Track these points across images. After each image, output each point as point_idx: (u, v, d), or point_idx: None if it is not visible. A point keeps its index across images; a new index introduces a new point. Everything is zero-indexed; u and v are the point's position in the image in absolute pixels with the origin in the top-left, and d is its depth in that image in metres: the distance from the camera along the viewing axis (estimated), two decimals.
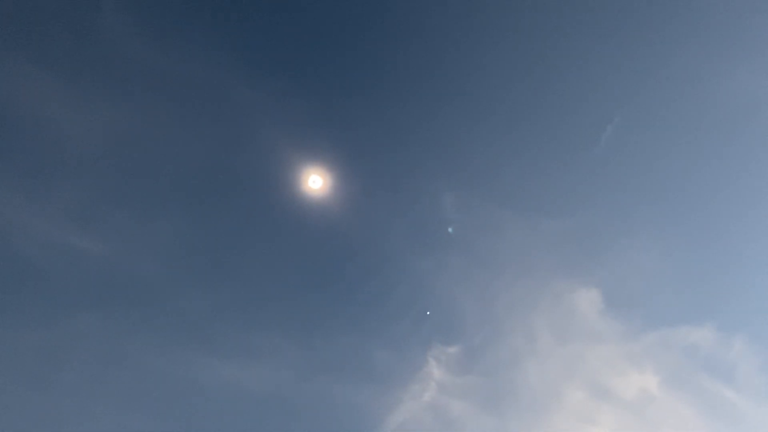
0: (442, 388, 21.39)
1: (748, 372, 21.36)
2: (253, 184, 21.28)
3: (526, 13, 21.51)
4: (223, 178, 21.13)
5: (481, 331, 22.11)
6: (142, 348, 19.88)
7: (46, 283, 19.39)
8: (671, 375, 21.71)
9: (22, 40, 18.82)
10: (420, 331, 21.90)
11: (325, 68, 21.66)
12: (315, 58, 21.58)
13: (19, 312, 18.95)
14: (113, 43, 19.68)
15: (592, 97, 22.00)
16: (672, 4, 21.03)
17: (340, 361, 21.20)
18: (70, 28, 19.31)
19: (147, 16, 19.99)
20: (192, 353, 20.29)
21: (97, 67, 19.79)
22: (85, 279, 19.79)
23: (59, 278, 19.54)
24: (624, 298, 22.48)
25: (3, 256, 18.90)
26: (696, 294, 22.75)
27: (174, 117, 20.68)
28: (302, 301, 21.76)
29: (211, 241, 21.33)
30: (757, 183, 21.69)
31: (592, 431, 20.97)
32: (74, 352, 19.33)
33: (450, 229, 21.98)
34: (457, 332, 22.16)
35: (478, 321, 22.22)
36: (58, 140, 19.50)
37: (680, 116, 21.78)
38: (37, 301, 19.26)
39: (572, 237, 22.67)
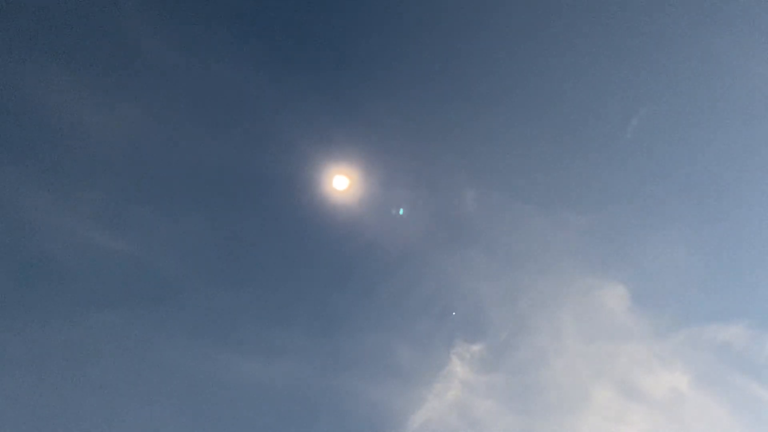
0: (466, 387, 21.09)
1: None
2: (273, 181, 21.25)
3: (549, 3, 21.14)
4: (244, 175, 21.15)
5: (506, 328, 21.77)
6: (166, 345, 19.96)
7: (71, 281, 19.58)
8: (702, 374, 21.18)
9: (45, 41, 19.02)
10: (443, 329, 21.64)
11: (346, 65, 21.58)
12: (336, 54, 21.50)
13: (45, 310, 19.15)
14: (135, 43, 19.77)
15: (617, 87, 21.57)
16: None
17: (362, 359, 21.06)
18: (91, 28, 19.47)
19: (167, 15, 20.08)
20: (215, 350, 20.32)
21: (119, 66, 19.91)
22: (109, 277, 19.93)
23: (84, 276, 19.72)
24: (653, 295, 21.97)
25: (29, 255, 19.13)
26: (727, 291, 22.16)
27: (197, 116, 20.77)
28: (325, 298, 21.67)
29: (234, 239, 21.35)
30: None
31: (621, 431, 20.52)
32: (98, 350, 19.45)
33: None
34: (481, 330, 21.84)
35: (502, 318, 21.88)
36: (82, 139, 19.67)
37: (711, 106, 21.24)
38: (62, 298, 19.45)
39: (598, 232, 22.22)
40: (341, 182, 20.78)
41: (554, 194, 22.32)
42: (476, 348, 21.52)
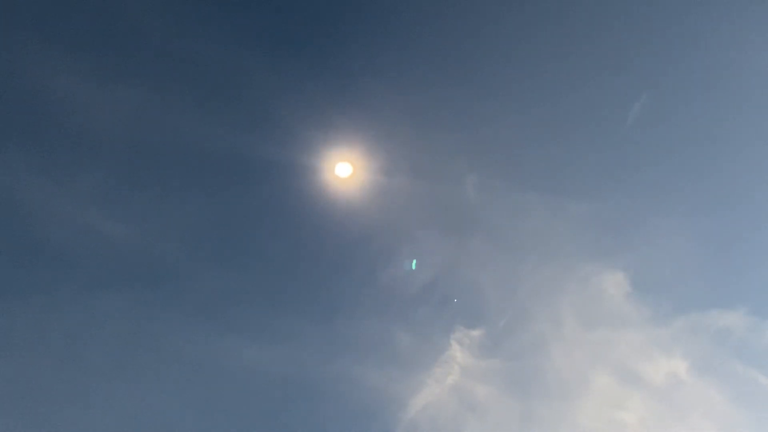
0: (466, 372, 21.15)
1: None
2: (275, 167, 21.23)
3: None
4: (245, 160, 21.15)
5: (506, 314, 21.81)
6: (165, 329, 20.05)
7: (71, 265, 19.69)
8: (701, 361, 21.16)
9: (44, 24, 19.01)
10: (443, 314, 21.71)
11: (348, 50, 21.56)
12: (338, 40, 21.50)
13: (44, 294, 19.22)
14: (134, 26, 19.78)
15: (618, 74, 21.53)
16: None
17: (363, 344, 21.11)
18: (91, 10, 19.46)
19: None
20: (215, 335, 20.41)
21: (117, 49, 19.92)
22: (109, 261, 20.02)
23: (84, 260, 19.83)
24: (652, 282, 21.95)
25: (29, 240, 19.19)
26: (727, 277, 22.18)
27: (196, 99, 20.79)
28: (326, 284, 21.74)
29: (235, 224, 21.44)
30: None
31: (619, 417, 20.58)
32: (98, 334, 19.56)
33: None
34: (480, 316, 21.89)
35: (502, 305, 21.91)
36: (81, 123, 19.71)
37: (711, 93, 21.23)
38: (61, 283, 19.54)
39: (598, 219, 22.22)
40: (343, 168, 20.81)
41: (554, 182, 22.39)
42: (476, 333, 21.60)
